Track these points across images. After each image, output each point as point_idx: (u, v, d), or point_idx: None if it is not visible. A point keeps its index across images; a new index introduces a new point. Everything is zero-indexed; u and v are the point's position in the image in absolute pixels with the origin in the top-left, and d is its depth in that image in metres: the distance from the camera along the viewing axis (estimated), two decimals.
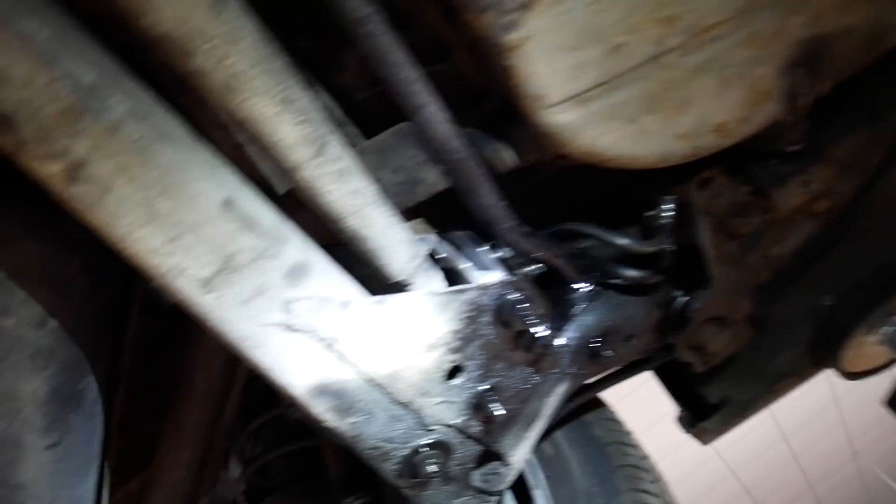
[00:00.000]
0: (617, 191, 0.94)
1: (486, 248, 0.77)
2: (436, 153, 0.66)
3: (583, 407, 1.08)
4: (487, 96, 0.81)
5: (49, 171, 0.50)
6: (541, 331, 0.75)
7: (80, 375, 0.71)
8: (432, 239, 0.78)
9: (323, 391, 0.68)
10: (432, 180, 0.85)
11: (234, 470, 1.21)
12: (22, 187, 0.64)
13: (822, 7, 0.67)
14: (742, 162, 0.89)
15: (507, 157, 0.79)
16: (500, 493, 0.89)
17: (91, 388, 0.73)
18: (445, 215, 0.97)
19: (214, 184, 0.56)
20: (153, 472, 1.11)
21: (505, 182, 0.80)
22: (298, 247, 0.63)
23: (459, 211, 0.85)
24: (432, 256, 0.78)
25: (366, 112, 0.93)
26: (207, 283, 0.58)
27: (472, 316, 0.73)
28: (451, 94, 0.80)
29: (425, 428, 0.76)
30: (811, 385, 1.14)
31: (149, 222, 0.54)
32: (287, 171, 0.61)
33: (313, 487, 1.04)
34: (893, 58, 0.79)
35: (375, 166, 0.84)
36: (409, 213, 1.05)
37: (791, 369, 1.07)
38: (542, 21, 0.63)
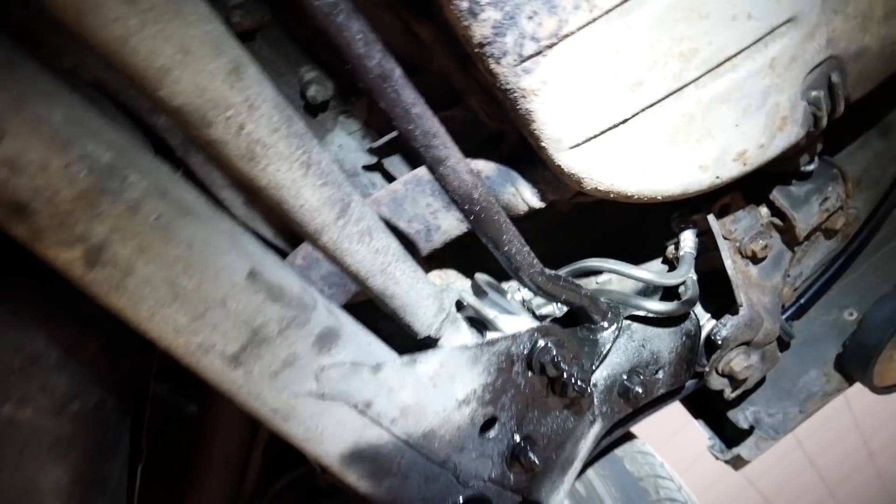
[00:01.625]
0: (634, 223, 0.93)
1: (510, 294, 0.75)
2: (454, 203, 0.64)
3: (612, 443, 1.06)
4: (502, 138, 0.79)
5: (68, 257, 0.48)
6: (575, 374, 0.73)
7: (103, 459, 0.68)
8: (456, 288, 0.76)
9: (357, 457, 0.66)
10: (449, 227, 0.83)
11: None
12: (34, 271, 0.62)
13: (835, 30, 0.67)
14: (758, 185, 0.88)
15: (526, 198, 0.78)
16: None
17: (114, 471, 0.70)
18: (462, 257, 0.96)
19: (238, 255, 0.54)
20: None
21: (520, 222, 0.79)
22: (325, 312, 0.60)
23: (478, 253, 0.84)
24: (458, 306, 0.76)
25: (379, 161, 0.92)
26: (236, 359, 0.56)
27: (504, 366, 0.71)
28: (465, 137, 0.79)
29: (463, 484, 0.74)
30: None
31: (173, 301, 0.52)
32: (310, 235, 0.59)
33: None
34: None
35: (389, 217, 0.83)
36: (427, 261, 1.04)
37: (820, 387, 1.05)
38: (559, 64, 0.61)
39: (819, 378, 1.04)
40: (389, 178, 0.92)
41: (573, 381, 0.74)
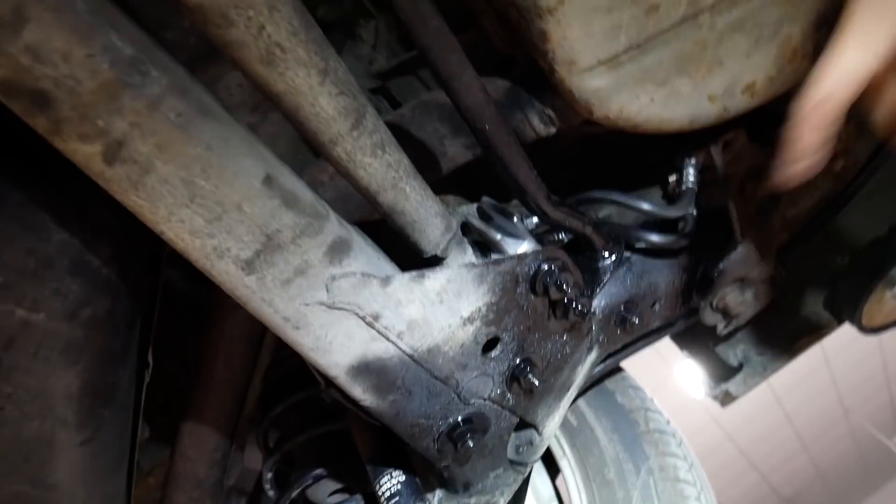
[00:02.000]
0: (638, 156, 0.93)
1: (517, 218, 0.76)
2: (465, 121, 0.65)
3: (604, 375, 1.08)
4: (513, 65, 0.79)
5: (88, 151, 0.48)
6: (577, 298, 0.75)
7: (113, 367, 0.69)
8: (464, 211, 0.77)
9: (364, 370, 0.67)
10: (455, 154, 0.84)
11: (251, 459, 1.20)
12: (45, 174, 0.62)
13: None
14: (761, 124, 0.89)
15: (534, 125, 0.78)
16: (532, 464, 0.89)
17: (123, 380, 0.71)
18: (470, 187, 0.96)
19: (254, 160, 0.54)
20: (175, 465, 1.09)
21: (529, 151, 0.79)
22: (337, 223, 0.61)
23: (485, 182, 0.84)
24: (465, 228, 0.77)
25: (385, 85, 0.91)
26: (250, 265, 0.57)
27: (508, 287, 0.72)
28: (476, 62, 0.79)
29: (464, 402, 0.76)
30: None
31: (190, 202, 0.52)
32: (324, 145, 0.59)
33: (343, 470, 1.03)
34: None
35: (397, 140, 0.83)
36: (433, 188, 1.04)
37: (809, 327, 1.08)
38: None
39: (809, 318, 1.07)
40: (396, 104, 0.91)
41: (574, 304, 0.76)
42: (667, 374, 4.51)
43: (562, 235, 0.89)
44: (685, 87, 0.71)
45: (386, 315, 0.65)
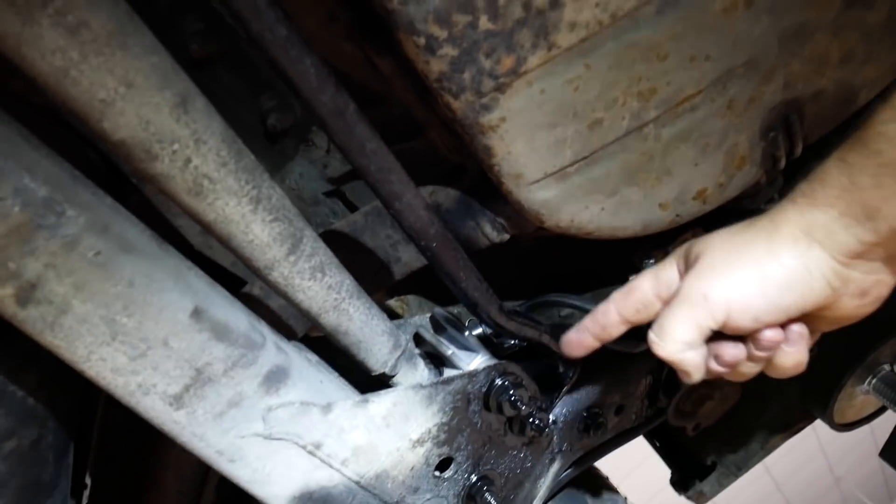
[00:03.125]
0: (597, 259, 0.92)
1: (468, 330, 0.74)
2: (410, 239, 0.63)
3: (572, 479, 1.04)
4: (463, 172, 0.79)
5: None
6: (533, 413, 0.72)
7: (40, 500, 0.65)
8: (416, 322, 0.75)
9: (307, 499, 0.64)
10: (409, 259, 0.82)
11: None
12: None
13: (793, 73, 0.67)
14: (719, 222, 0.88)
15: (486, 232, 0.77)
16: None
17: None
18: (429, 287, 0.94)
19: (181, 293, 0.52)
20: None
21: (482, 255, 0.78)
22: (274, 350, 0.59)
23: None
24: (418, 339, 0.75)
25: (339, 188, 0.90)
26: (178, 400, 0.54)
27: (460, 406, 0.69)
28: (425, 170, 0.79)
29: None
30: None
31: (112, 340, 0.50)
32: (260, 270, 0.57)
33: None
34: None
35: (350, 248, 0.81)
36: (390, 291, 1.02)
37: (781, 424, 1.05)
38: (518, 101, 0.61)
39: (780, 415, 1.04)
40: (351, 207, 0.90)
41: (531, 420, 0.73)
42: (648, 451, 4.40)
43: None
44: (635, 196, 0.70)
45: (328, 443, 0.62)
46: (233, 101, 0.83)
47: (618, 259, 0.92)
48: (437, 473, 0.71)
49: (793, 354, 0.63)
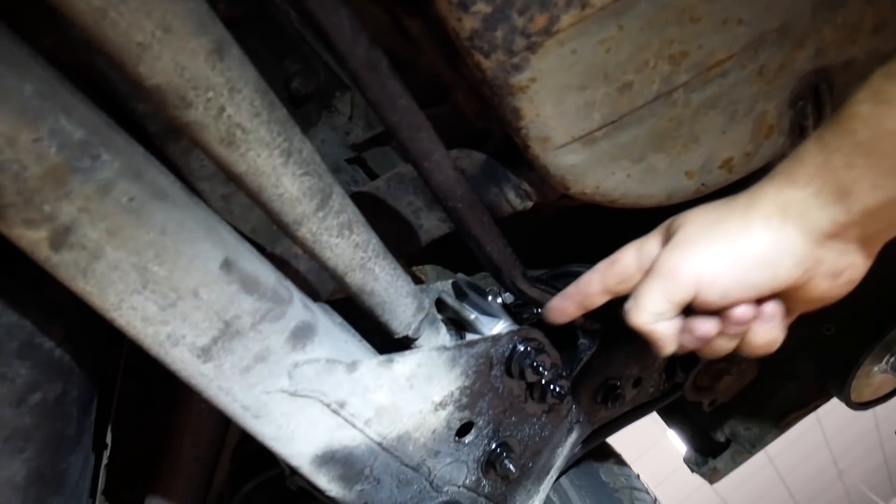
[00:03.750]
0: (619, 231, 0.92)
1: (491, 295, 0.74)
2: (437, 199, 0.63)
3: (587, 452, 1.04)
4: (488, 138, 0.78)
5: (33, 237, 0.46)
6: (554, 380, 0.72)
7: (63, 454, 0.65)
8: (438, 287, 0.75)
9: (329, 459, 0.64)
10: (430, 227, 0.82)
11: None
12: None
13: (825, 40, 0.67)
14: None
15: (510, 199, 0.77)
16: None
17: (74, 467, 0.67)
18: (447, 258, 0.94)
19: (212, 244, 0.52)
20: None
21: (505, 224, 0.78)
22: (301, 307, 0.59)
23: (461, 254, 0.82)
24: (440, 306, 0.75)
25: (360, 156, 0.90)
26: (206, 352, 0.54)
27: (482, 370, 0.69)
28: (450, 136, 0.78)
29: (436, 490, 0.72)
30: None
31: (143, 289, 0.50)
32: (289, 226, 0.57)
33: None
34: None
35: (371, 214, 0.81)
36: (409, 260, 1.02)
37: (797, 402, 1.05)
38: (549, 61, 0.61)
39: (796, 393, 1.04)
40: (372, 175, 0.90)
41: (552, 387, 0.73)
42: (660, 435, 4.43)
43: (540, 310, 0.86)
44: (661, 163, 0.69)
45: (352, 402, 0.62)
46: (257, 64, 0.83)
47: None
48: (457, 438, 0.71)
49: (765, 333, 0.62)
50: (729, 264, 0.58)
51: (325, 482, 0.65)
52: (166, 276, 0.50)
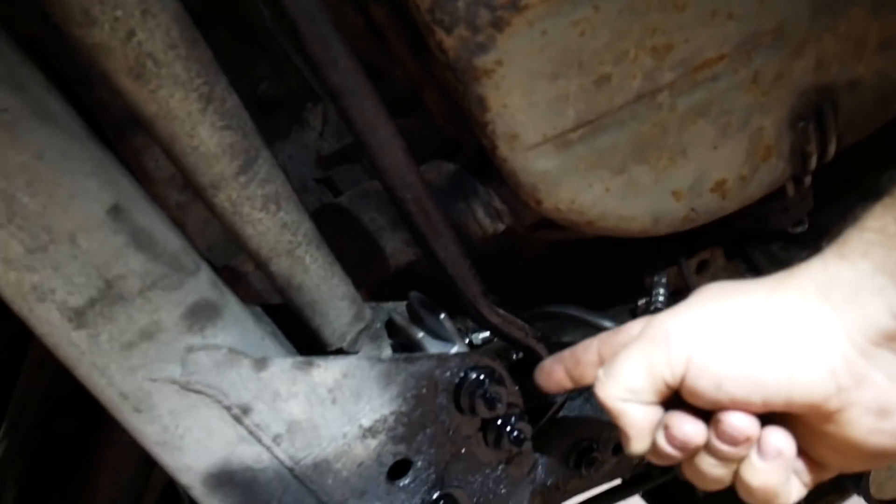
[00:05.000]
0: (604, 276, 0.84)
1: (445, 316, 0.65)
2: (385, 188, 0.56)
3: None
4: (460, 151, 0.72)
5: None
6: (512, 420, 0.61)
7: None
8: (389, 307, 0.66)
9: (227, 481, 0.53)
10: (393, 250, 0.74)
11: None
12: None
13: (826, 52, 0.61)
14: (740, 245, 0.80)
15: (478, 216, 0.69)
16: None
17: None
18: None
19: (101, 183, 0.45)
20: None
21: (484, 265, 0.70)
22: (207, 283, 0.50)
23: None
24: (391, 329, 0.66)
25: (329, 175, 0.85)
26: (80, 315, 0.45)
27: (425, 395, 0.59)
28: (422, 150, 0.72)
29: None
30: None
31: (7, 222, 0.42)
32: (205, 189, 0.50)
33: None
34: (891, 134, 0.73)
35: (331, 231, 0.74)
36: (368, 295, 0.94)
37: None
38: (516, 42, 0.55)
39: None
40: (338, 194, 0.84)
41: (508, 428, 0.62)
42: None
43: (518, 355, 0.76)
44: (645, 177, 0.62)
45: (259, 409, 0.52)
46: (227, 67, 0.79)
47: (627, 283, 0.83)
48: (390, 479, 0.59)
49: (764, 474, 0.44)
50: (733, 344, 0.43)
51: None
52: (38, 212, 0.43)
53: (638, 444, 0.49)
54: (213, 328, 0.50)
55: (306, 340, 0.60)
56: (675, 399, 0.47)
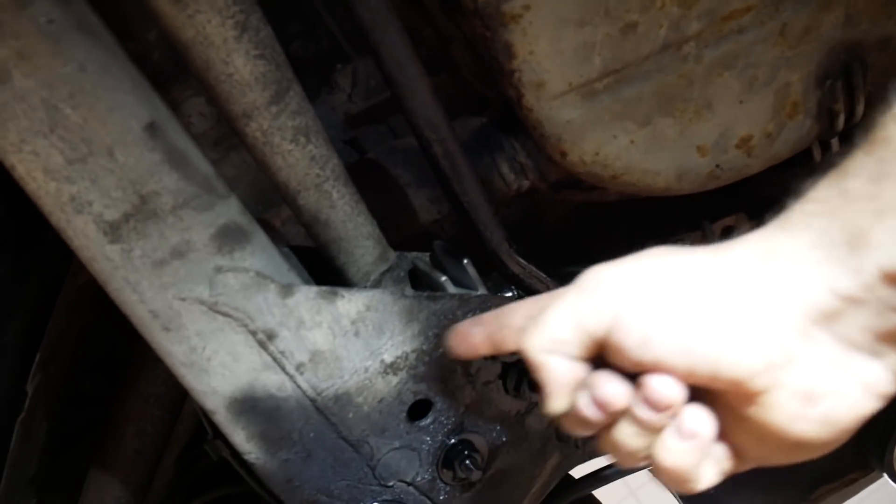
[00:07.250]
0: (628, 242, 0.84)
1: (468, 261, 0.65)
2: (412, 129, 0.57)
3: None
4: (485, 107, 0.73)
5: None
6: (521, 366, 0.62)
7: None
8: (413, 256, 0.67)
9: (250, 408, 0.54)
10: (420, 208, 0.75)
11: None
12: None
13: (856, 6, 0.61)
14: (765, 212, 0.79)
15: (503, 172, 0.70)
16: None
17: None
18: None
19: (139, 100, 0.46)
20: None
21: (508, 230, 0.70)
22: (237, 208, 0.52)
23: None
24: (415, 278, 0.67)
25: (356, 137, 0.86)
26: (115, 229, 0.47)
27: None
28: (450, 107, 0.73)
29: (380, 481, 0.61)
30: None
31: (50, 132, 0.44)
32: (238, 119, 0.52)
33: None
34: None
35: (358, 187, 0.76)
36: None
37: (829, 472, 0.90)
38: None
39: (828, 460, 0.89)
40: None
41: (529, 378, 0.62)
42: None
43: None
44: (670, 129, 0.62)
45: (283, 336, 0.53)
46: None
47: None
48: (409, 418, 0.60)
49: (675, 452, 0.41)
50: (665, 302, 0.40)
51: (243, 439, 0.55)
52: (79, 123, 0.44)
53: (557, 402, 0.45)
54: (241, 252, 0.51)
55: (331, 282, 0.61)
56: (601, 364, 0.44)
